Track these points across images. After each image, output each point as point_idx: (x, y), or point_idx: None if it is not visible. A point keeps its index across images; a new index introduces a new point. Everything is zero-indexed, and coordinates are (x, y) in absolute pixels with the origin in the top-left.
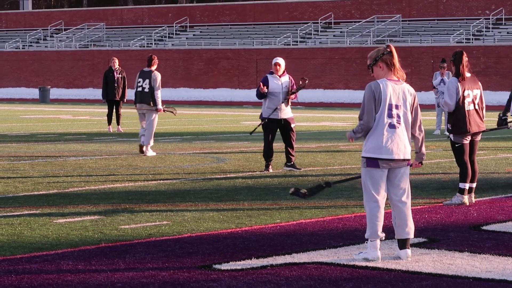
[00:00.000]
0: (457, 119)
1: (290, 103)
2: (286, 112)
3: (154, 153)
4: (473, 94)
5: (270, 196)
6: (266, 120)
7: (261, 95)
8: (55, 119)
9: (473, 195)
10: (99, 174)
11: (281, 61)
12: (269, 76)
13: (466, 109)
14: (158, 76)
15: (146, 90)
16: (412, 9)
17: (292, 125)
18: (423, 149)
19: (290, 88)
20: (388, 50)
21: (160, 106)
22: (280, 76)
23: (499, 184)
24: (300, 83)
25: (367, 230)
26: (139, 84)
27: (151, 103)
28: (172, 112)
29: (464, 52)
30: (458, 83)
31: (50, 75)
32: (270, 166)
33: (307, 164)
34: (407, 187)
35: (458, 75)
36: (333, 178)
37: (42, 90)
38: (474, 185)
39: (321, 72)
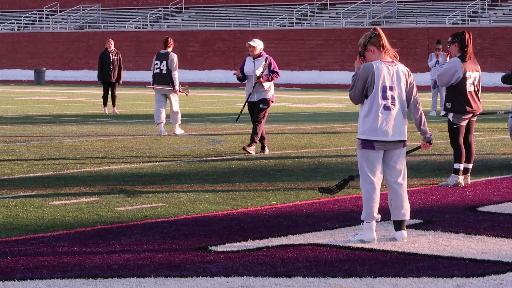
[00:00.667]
0: (458, 99)
1: (264, 84)
2: (261, 93)
3: (183, 131)
4: (473, 76)
5: (266, 178)
6: (246, 103)
7: (239, 78)
8: (50, 101)
9: (469, 176)
10: (95, 156)
11: (254, 42)
12: (246, 59)
13: (467, 90)
14: (175, 57)
15: (164, 71)
16: None
17: (261, 105)
18: (425, 127)
19: (263, 69)
20: (376, 32)
21: (177, 86)
22: (255, 58)
23: (495, 165)
24: (263, 65)
25: (363, 211)
26: (156, 66)
27: (170, 84)
28: (185, 93)
29: (468, 33)
30: (461, 64)
31: (45, 57)
32: (266, 148)
33: (303, 146)
34: (403, 169)
35: (464, 56)
36: (329, 159)
37: (37, 71)
38: (470, 166)
39: (316, 54)
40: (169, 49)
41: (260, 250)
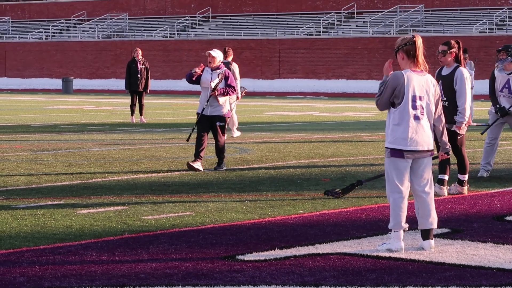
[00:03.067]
0: None
1: (220, 98)
2: (216, 108)
3: (239, 133)
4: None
5: (293, 187)
6: (198, 114)
7: (190, 76)
8: (78, 110)
9: (465, 187)
10: (122, 165)
11: (214, 52)
12: (205, 69)
13: None
14: (236, 67)
15: None
16: None
17: (219, 123)
18: (446, 139)
19: (219, 81)
20: (413, 41)
21: (239, 94)
22: (213, 70)
23: None
24: (219, 77)
25: (390, 220)
26: None
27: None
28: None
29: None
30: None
31: (73, 66)
32: (197, 163)
33: (330, 155)
34: (430, 178)
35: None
36: (356, 168)
37: (65, 80)
38: (466, 177)
39: (343, 62)
40: (229, 58)
41: (287, 259)
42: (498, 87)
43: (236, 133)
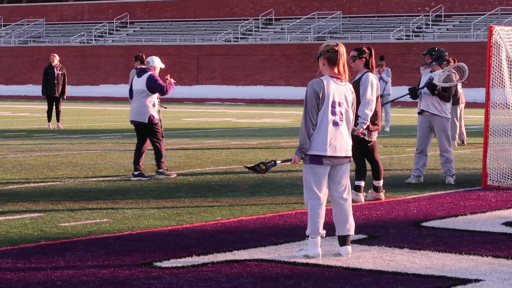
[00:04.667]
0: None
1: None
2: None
3: None
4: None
5: (211, 193)
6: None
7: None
8: None
9: (381, 192)
10: (39, 172)
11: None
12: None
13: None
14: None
15: None
16: (353, 5)
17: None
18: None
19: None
20: (335, 49)
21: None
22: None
23: (439, 180)
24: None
25: (308, 227)
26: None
27: None
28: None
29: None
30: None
31: None
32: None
33: (248, 161)
34: (348, 184)
35: (369, 66)
36: (274, 174)
37: None
38: (381, 182)
39: (261, 69)
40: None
41: (205, 265)
42: (420, 86)
43: None
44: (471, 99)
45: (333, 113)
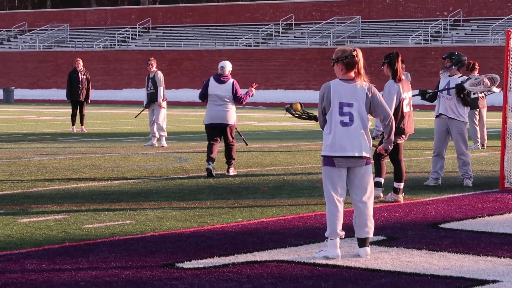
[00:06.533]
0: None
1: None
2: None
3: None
4: (408, 96)
5: (232, 196)
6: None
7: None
8: (19, 120)
9: (401, 195)
10: (63, 174)
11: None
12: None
13: (404, 110)
14: (161, 74)
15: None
16: (372, 10)
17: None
18: (390, 137)
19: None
20: (352, 54)
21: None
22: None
23: (457, 182)
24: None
25: (327, 228)
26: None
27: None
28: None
29: (399, 54)
30: (398, 85)
31: (14, 76)
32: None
33: (269, 164)
34: (368, 187)
35: (395, 76)
36: (294, 177)
37: (6, 90)
38: (401, 185)
39: (282, 73)
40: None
41: (226, 266)
42: (439, 89)
43: (156, 142)
44: (489, 103)
45: (341, 114)
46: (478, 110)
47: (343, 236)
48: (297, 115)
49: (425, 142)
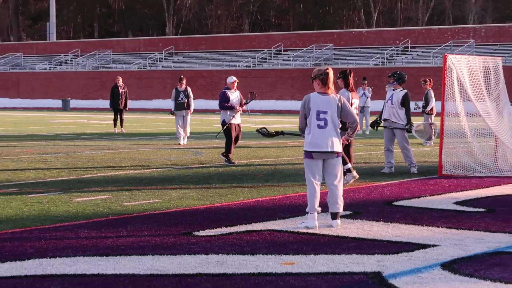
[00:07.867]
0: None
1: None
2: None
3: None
4: (357, 102)
5: (236, 180)
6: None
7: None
8: (74, 123)
9: (354, 172)
10: (107, 164)
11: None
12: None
13: None
14: (190, 90)
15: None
16: (341, 40)
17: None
18: (354, 133)
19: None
20: (326, 72)
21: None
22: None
23: (406, 170)
24: (249, 96)
25: (308, 205)
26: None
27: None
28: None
29: (352, 71)
30: (349, 93)
31: (70, 90)
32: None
33: (263, 156)
34: (339, 174)
35: (347, 86)
36: (282, 166)
37: (64, 101)
38: (349, 165)
39: (273, 87)
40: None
41: (231, 234)
42: (385, 100)
43: (183, 141)
44: (438, 110)
45: (318, 119)
46: (431, 116)
47: (320, 211)
48: (266, 134)
49: (381, 140)
